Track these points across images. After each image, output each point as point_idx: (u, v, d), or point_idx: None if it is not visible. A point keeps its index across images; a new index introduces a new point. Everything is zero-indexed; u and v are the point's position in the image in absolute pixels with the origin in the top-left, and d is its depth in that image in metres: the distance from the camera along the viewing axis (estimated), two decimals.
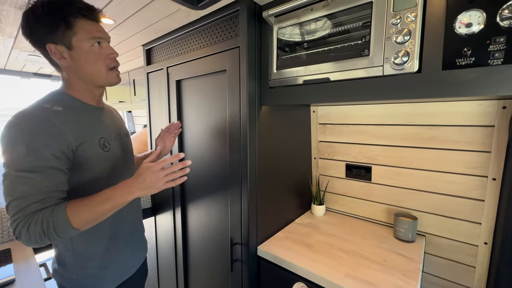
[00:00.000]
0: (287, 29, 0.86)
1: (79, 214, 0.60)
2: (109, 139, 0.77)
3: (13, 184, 0.58)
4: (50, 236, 0.58)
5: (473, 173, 0.96)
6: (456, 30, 0.56)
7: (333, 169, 1.33)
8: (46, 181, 0.59)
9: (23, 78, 2.18)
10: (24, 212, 0.57)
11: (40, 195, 0.59)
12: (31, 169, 0.58)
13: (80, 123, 0.68)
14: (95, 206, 0.62)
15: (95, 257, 0.76)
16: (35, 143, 0.58)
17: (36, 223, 0.57)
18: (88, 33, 0.67)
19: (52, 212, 0.58)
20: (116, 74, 0.75)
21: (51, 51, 0.65)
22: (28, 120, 0.60)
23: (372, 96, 0.70)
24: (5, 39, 1.27)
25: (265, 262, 1.00)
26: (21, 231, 0.57)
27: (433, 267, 1.07)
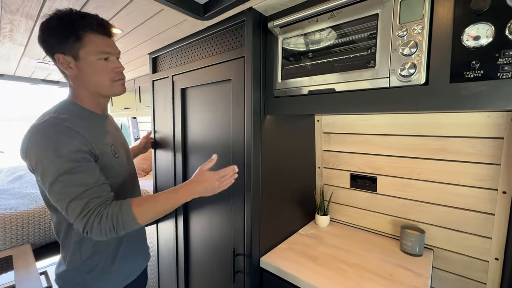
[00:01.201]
0: (292, 40, 0.87)
1: (145, 213, 0.66)
2: (117, 146, 0.81)
3: (63, 189, 0.61)
4: (118, 230, 0.64)
5: (482, 186, 0.93)
6: (463, 42, 0.56)
7: (337, 179, 1.31)
8: (90, 177, 0.63)
9: (31, 84, 2.22)
10: (90, 207, 0.61)
11: (92, 190, 0.63)
12: (71, 170, 0.61)
13: (93, 131, 0.71)
14: (159, 206, 0.69)
15: (101, 261, 0.77)
16: (63, 148, 0.61)
17: (107, 217, 0.62)
18: (97, 47, 0.70)
19: (120, 210, 0.63)
20: (121, 84, 0.78)
21: (59, 60, 0.69)
22: (48, 130, 0.63)
23: (378, 107, 0.69)
24: (16, 47, 1.30)
25: (268, 274, 0.97)
26: (93, 225, 0.61)
27: (442, 282, 1.03)
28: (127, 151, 0.91)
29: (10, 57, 1.49)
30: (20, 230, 1.13)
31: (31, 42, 1.22)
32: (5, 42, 1.22)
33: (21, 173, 1.86)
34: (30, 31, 1.08)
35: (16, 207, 1.20)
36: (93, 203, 0.62)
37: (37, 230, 1.18)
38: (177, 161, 1.29)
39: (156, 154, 1.47)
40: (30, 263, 1.00)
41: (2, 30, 1.08)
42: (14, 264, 0.99)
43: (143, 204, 0.67)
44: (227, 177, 0.79)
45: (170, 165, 1.33)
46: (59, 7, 0.88)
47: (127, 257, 0.85)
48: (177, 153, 1.29)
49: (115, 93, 0.77)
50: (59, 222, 0.75)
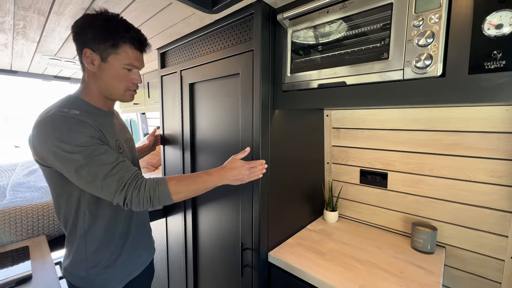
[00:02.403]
0: (301, 32, 0.85)
1: (180, 189, 0.71)
2: (121, 141, 0.82)
3: (91, 171, 0.63)
4: (154, 203, 0.68)
5: (499, 183, 0.90)
6: (484, 31, 0.53)
7: (346, 175, 1.30)
8: (110, 156, 0.66)
9: (44, 81, 2.28)
10: (126, 179, 0.65)
11: (118, 166, 0.66)
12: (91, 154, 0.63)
13: (99, 126, 0.72)
14: (193, 185, 0.73)
15: (105, 256, 0.78)
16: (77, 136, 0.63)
17: (145, 188, 0.67)
18: (127, 59, 0.73)
19: (157, 184, 0.68)
20: (131, 94, 0.81)
21: (85, 54, 0.70)
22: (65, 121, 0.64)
23: (391, 101, 0.67)
24: (29, 44, 1.33)
25: (276, 269, 0.98)
26: (132, 196, 0.65)
27: (454, 280, 1.01)
28: (131, 148, 0.92)
29: (24, 54, 1.52)
30: (36, 222, 1.17)
31: (43, 39, 1.25)
32: (18, 39, 1.25)
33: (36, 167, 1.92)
34: (42, 27, 1.10)
35: (32, 199, 1.23)
36: (126, 178, 0.66)
37: (52, 222, 1.21)
38: (185, 156, 1.30)
39: (165, 149, 1.48)
40: (46, 253, 1.04)
41: (16, 27, 1.10)
42: (31, 254, 1.03)
43: (178, 182, 0.71)
44: (256, 169, 0.83)
45: (179, 160, 1.34)
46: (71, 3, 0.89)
47: (132, 252, 0.86)
48: (185, 148, 1.29)
49: (123, 100, 0.81)
50: (65, 216, 0.76)
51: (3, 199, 1.24)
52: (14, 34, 1.19)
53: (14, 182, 1.54)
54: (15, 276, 0.90)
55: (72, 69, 2.00)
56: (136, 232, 0.87)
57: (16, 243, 1.12)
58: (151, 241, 0.99)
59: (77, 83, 2.48)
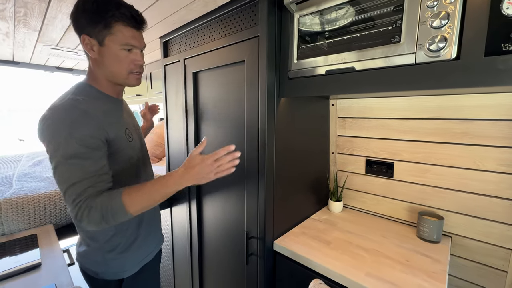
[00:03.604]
0: (309, 17, 0.82)
1: (135, 202, 0.65)
2: (131, 130, 0.82)
3: (65, 172, 0.62)
4: (107, 220, 0.63)
5: (508, 171, 0.88)
6: (503, 11, 0.51)
7: (352, 165, 1.29)
8: (93, 165, 0.64)
9: (46, 72, 2.27)
10: (81, 197, 0.62)
11: (91, 179, 0.63)
12: (78, 155, 0.62)
13: (108, 114, 0.72)
14: (149, 195, 0.66)
15: (122, 241, 0.80)
16: (76, 131, 0.62)
17: (96, 208, 0.61)
18: (123, 38, 0.70)
19: (110, 198, 0.63)
20: (136, 77, 0.78)
21: (84, 41, 0.70)
22: (64, 112, 0.64)
23: (402, 86, 0.65)
24: (30, 33, 1.31)
25: (281, 257, 0.98)
26: (83, 215, 0.61)
27: (460, 269, 1.01)
28: (140, 135, 0.92)
29: (25, 43, 1.51)
30: (43, 211, 1.18)
31: (45, 27, 1.23)
32: (20, 27, 1.23)
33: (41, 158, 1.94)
34: (44, 14, 1.08)
35: (38, 189, 1.25)
36: (87, 193, 0.62)
37: (58, 211, 1.23)
38: (189, 146, 1.30)
39: (169, 140, 1.48)
40: (54, 241, 1.05)
41: (17, 15, 1.09)
42: (39, 242, 1.04)
43: (133, 193, 0.65)
44: (222, 161, 0.70)
45: (183, 151, 1.34)
46: None
47: (146, 238, 0.87)
48: (189, 139, 1.29)
49: (128, 84, 0.78)
50: None
51: (9, 189, 1.26)
52: (15, 22, 1.18)
53: (20, 172, 1.56)
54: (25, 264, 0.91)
55: (74, 59, 1.98)
56: (149, 218, 0.89)
57: (24, 231, 1.14)
58: (161, 227, 1.02)
59: (80, 74, 2.46)
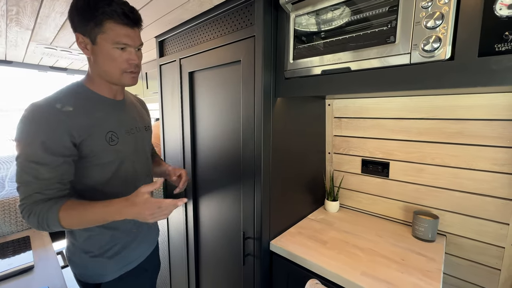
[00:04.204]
0: (305, 17, 0.82)
1: (70, 218, 0.65)
2: (118, 132, 0.77)
3: (21, 172, 0.63)
4: (43, 227, 0.65)
5: (501, 171, 0.90)
6: (496, 12, 0.51)
7: (348, 165, 1.29)
8: (49, 173, 0.64)
9: (40, 72, 2.23)
10: (27, 200, 0.63)
11: (42, 186, 0.64)
12: (37, 160, 0.62)
13: (89, 117, 0.70)
14: (86, 216, 0.66)
15: (97, 244, 0.77)
16: (40, 136, 0.62)
17: (34, 215, 0.63)
18: (115, 36, 0.67)
19: (48, 209, 0.63)
20: (131, 77, 0.75)
21: (78, 40, 0.69)
22: (36, 113, 0.63)
23: (397, 86, 0.66)
24: (23, 31, 1.29)
25: (277, 257, 0.98)
26: (24, 217, 0.65)
27: (454, 268, 1.02)
28: (139, 138, 0.85)
29: (18, 42, 1.48)
30: None
31: (38, 26, 1.21)
32: (12, 26, 1.21)
33: None
34: (36, 13, 1.06)
35: None
36: (33, 198, 0.63)
37: None
38: (185, 146, 1.29)
39: (165, 140, 1.47)
40: (47, 243, 1.04)
41: (9, 13, 1.07)
42: (32, 244, 1.03)
43: (71, 210, 0.65)
44: (164, 210, 0.68)
45: (179, 152, 1.33)
46: None
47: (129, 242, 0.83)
48: (185, 138, 1.28)
49: (123, 84, 0.76)
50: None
51: (2, 190, 1.23)
52: (7, 21, 1.16)
53: (13, 173, 1.53)
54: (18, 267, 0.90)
55: (69, 59, 1.96)
56: (134, 223, 0.84)
57: (16, 233, 1.12)
58: (153, 233, 0.96)
59: (74, 73, 2.43)
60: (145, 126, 0.91)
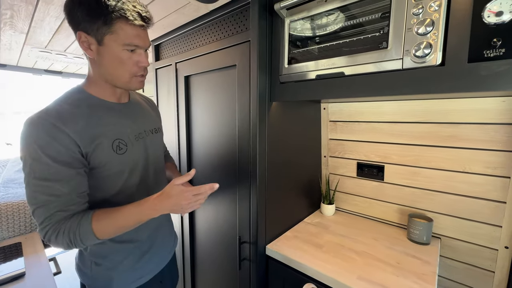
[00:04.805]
0: (299, 22, 0.83)
1: (104, 228, 0.61)
2: (126, 139, 0.71)
3: (34, 193, 0.58)
4: (76, 245, 0.60)
5: (494, 174, 0.91)
6: (484, 19, 0.53)
7: (343, 168, 1.30)
8: (64, 187, 0.59)
9: (35, 75, 2.21)
10: (51, 221, 0.58)
11: (62, 203, 0.59)
12: (48, 176, 0.57)
13: (93, 126, 0.64)
14: (120, 221, 0.62)
15: (109, 256, 0.73)
16: (47, 150, 0.57)
17: (63, 233, 0.58)
18: (125, 38, 0.61)
19: (79, 223, 0.59)
20: (140, 81, 0.70)
21: (80, 39, 0.61)
22: (38, 127, 0.58)
23: (390, 91, 0.67)
24: (17, 35, 1.28)
25: (273, 261, 0.98)
26: (50, 239, 0.59)
27: (449, 270, 1.02)
28: (149, 143, 0.79)
29: (12, 46, 1.47)
30: (28, 218, 1.15)
31: (32, 29, 1.20)
32: (6, 29, 1.20)
33: None
34: (31, 17, 1.06)
35: (23, 195, 1.21)
36: (56, 217, 0.59)
37: None
38: (181, 149, 1.28)
39: None
40: (39, 249, 1.02)
41: (3, 17, 1.06)
42: (24, 250, 1.01)
43: (103, 219, 0.61)
44: (200, 196, 0.66)
45: (175, 154, 1.33)
46: None
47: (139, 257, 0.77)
48: (181, 142, 1.28)
49: (130, 88, 0.69)
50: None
51: None
52: (1, 25, 1.15)
53: (5, 178, 1.51)
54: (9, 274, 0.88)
55: (64, 62, 1.94)
56: (146, 239, 0.79)
57: (8, 239, 1.10)
58: (168, 244, 0.88)
59: (69, 77, 2.42)
60: (154, 128, 0.84)
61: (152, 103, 0.93)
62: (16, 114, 4.13)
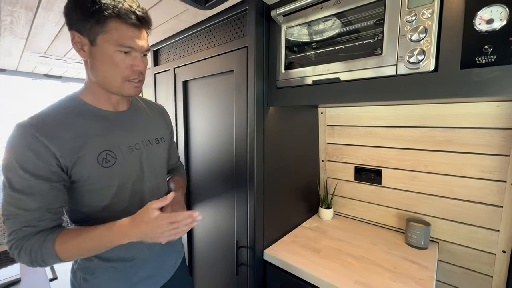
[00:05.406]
0: (296, 29, 0.85)
1: (68, 250, 0.57)
2: (117, 151, 0.66)
3: (6, 204, 0.56)
4: (38, 264, 0.57)
5: (490, 178, 0.91)
6: (476, 26, 0.54)
7: (341, 172, 1.30)
8: (35, 203, 0.56)
9: (34, 79, 2.22)
10: (16, 235, 0.56)
11: (31, 218, 0.56)
12: (21, 189, 0.55)
13: (78, 136, 0.60)
14: (85, 244, 0.58)
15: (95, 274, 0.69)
16: (24, 163, 0.55)
17: (25, 251, 0.56)
18: (119, 38, 0.58)
19: (42, 243, 0.56)
20: (134, 86, 0.65)
21: (73, 39, 0.59)
22: (20, 137, 0.56)
23: (385, 96, 0.67)
24: (17, 41, 1.29)
25: (271, 266, 0.97)
26: (14, 254, 0.57)
27: (447, 275, 1.02)
28: (146, 154, 0.73)
29: (12, 51, 1.48)
30: None
31: (32, 35, 1.21)
32: (6, 35, 1.21)
33: None
34: (31, 23, 1.07)
35: None
36: (22, 232, 0.56)
37: None
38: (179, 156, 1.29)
39: None
40: None
41: (3, 23, 1.07)
42: None
43: (68, 241, 0.57)
44: (179, 225, 0.59)
45: None
46: None
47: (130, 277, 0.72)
48: (179, 146, 1.28)
49: (123, 93, 0.64)
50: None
51: None
52: (1, 31, 1.16)
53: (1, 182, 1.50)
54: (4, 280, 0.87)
55: (63, 67, 1.96)
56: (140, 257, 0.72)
57: (3, 245, 1.09)
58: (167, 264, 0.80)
59: (69, 81, 2.43)
60: (156, 138, 0.77)
61: (162, 110, 0.87)
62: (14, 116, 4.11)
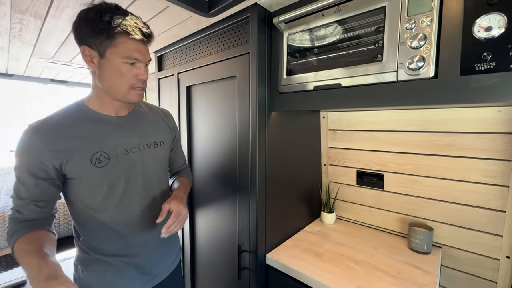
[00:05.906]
0: (297, 35, 0.86)
1: (17, 253, 0.62)
2: (111, 153, 0.71)
3: (13, 186, 0.69)
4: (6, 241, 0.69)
5: (493, 183, 0.91)
6: (474, 34, 0.54)
7: (343, 176, 1.30)
8: (25, 192, 0.66)
9: (40, 84, 2.27)
10: (11, 214, 0.67)
11: (20, 204, 0.66)
12: (19, 179, 0.66)
13: (75, 137, 0.68)
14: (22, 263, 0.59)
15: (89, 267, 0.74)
16: (22, 157, 0.65)
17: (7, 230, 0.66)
18: (126, 51, 0.65)
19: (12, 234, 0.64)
20: (138, 93, 0.72)
21: (84, 53, 0.66)
22: (26, 134, 0.66)
23: (385, 102, 0.68)
24: (25, 47, 1.32)
25: (273, 271, 0.97)
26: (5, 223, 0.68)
27: (450, 280, 1.01)
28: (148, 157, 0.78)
29: (20, 57, 1.52)
30: None
31: (40, 42, 1.25)
32: (14, 42, 1.25)
33: None
34: (39, 30, 1.10)
35: None
36: (13, 214, 0.67)
37: None
38: None
39: None
40: None
41: (12, 30, 1.10)
42: None
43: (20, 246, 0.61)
44: None
45: None
46: (68, 6, 0.90)
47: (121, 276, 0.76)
48: None
49: (129, 100, 0.72)
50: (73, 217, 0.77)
51: None
52: (10, 38, 1.19)
53: (9, 186, 1.53)
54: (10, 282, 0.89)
55: (69, 72, 1.99)
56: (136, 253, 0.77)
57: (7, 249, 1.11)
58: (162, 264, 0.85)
59: (74, 86, 2.47)
60: (155, 142, 0.82)
61: (166, 115, 0.91)
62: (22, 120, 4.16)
